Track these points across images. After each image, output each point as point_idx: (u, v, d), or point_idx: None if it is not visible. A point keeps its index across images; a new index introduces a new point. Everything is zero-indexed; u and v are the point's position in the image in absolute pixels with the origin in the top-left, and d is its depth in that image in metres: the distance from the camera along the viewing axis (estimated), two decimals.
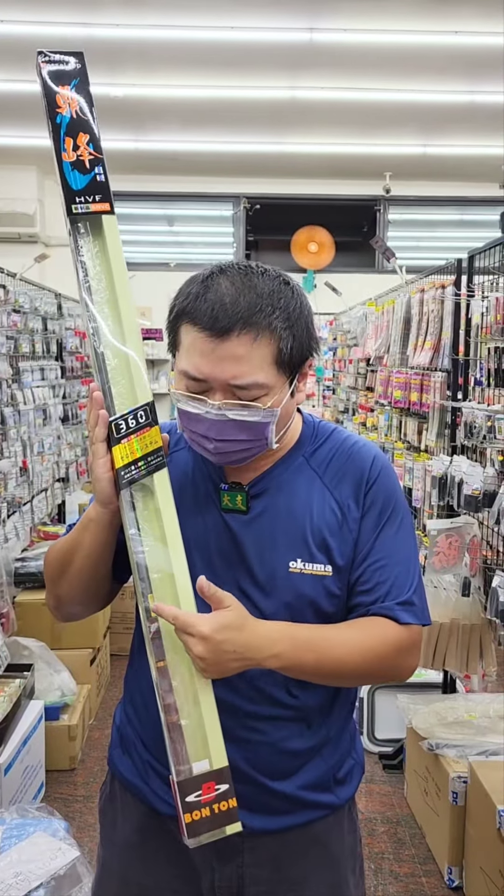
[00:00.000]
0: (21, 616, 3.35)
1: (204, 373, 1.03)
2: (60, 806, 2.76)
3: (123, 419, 1.04)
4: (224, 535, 1.12)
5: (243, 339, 1.02)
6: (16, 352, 3.97)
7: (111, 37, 4.78)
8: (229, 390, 1.04)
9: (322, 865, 1.17)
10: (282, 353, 1.05)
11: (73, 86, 1.10)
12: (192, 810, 0.98)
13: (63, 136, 1.09)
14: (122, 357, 1.07)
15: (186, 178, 7.88)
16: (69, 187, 1.08)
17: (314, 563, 1.10)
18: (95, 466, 1.03)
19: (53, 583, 1.17)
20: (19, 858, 1.83)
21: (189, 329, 1.05)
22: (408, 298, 3.66)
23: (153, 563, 1.03)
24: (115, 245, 1.09)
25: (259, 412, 1.04)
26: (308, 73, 5.42)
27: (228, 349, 1.02)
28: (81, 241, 1.08)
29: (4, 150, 7.05)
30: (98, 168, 1.10)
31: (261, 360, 1.03)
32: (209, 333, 1.02)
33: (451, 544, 2.66)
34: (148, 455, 1.05)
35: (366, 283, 6.93)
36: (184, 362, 1.06)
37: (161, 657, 1.01)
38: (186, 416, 1.07)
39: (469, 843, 2.38)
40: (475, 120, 6.10)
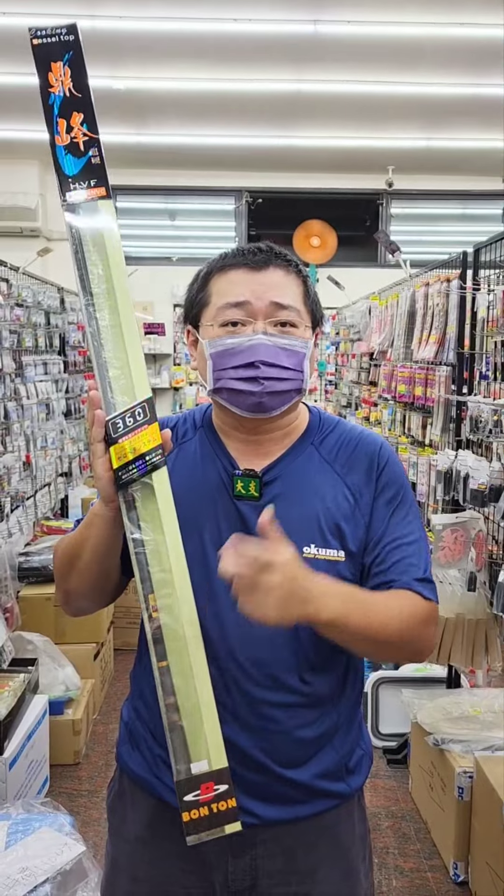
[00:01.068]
0: (25, 611, 3.35)
1: (247, 295, 1.10)
2: (65, 800, 2.76)
3: (121, 417, 1.03)
4: (236, 523, 1.13)
5: (279, 270, 1.13)
6: (19, 346, 3.96)
7: (114, 29, 4.75)
8: (271, 313, 1.11)
9: (333, 856, 1.18)
10: (309, 294, 1.16)
11: (67, 60, 1.06)
12: (190, 809, 0.99)
13: (56, 118, 1.06)
14: (121, 352, 1.04)
15: (188, 172, 7.85)
16: (63, 173, 1.05)
17: (328, 549, 1.12)
18: (95, 466, 1.04)
19: (62, 578, 1.18)
20: (25, 853, 1.83)
21: (224, 274, 1.14)
22: (412, 292, 3.64)
23: (154, 562, 1.02)
24: (111, 234, 1.05)
25: (297, 339, 1.13)
26: (311, 66, 5.39)
27: (268, 276, 1.12)
28: (80, 231, 1.05)
29: (6, 144, 7.02)
30: (93, 149, 1.06)
31: (295, 292, 1.14)
32: (248, 268, 1.12)
33: (457, 539, 2.65)
34: (146, 454, 1.03)
35: (368, 277, 6.91)
36: (224, 298, 1.12)
37: (163, 657, 1.01)
38: (229, 353, 1.11)
39: (475, 838, 2.38)
40: (479, 113, 6.07)
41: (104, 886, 1.27)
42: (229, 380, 1.11)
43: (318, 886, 1.16)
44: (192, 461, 1.18)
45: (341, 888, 1.19)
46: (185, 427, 1.23)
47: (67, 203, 1.05)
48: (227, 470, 1.16)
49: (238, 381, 1.10)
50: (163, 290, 7.93)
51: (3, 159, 7.32)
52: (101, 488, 1.03)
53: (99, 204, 1.05)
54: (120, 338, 1.04)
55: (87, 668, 3.38)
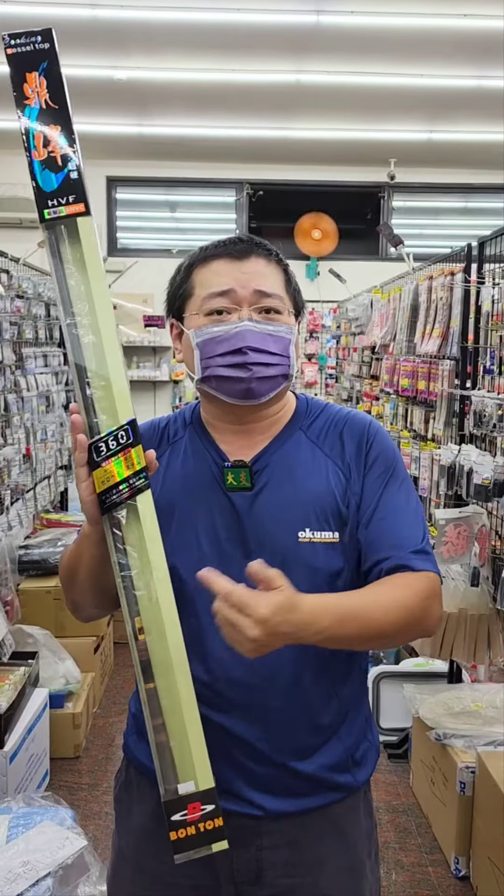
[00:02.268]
0: (25, 604, 3.34)
1: (231, 284, 1.11)
2: (65, 794, 2.76)
3: (104, 441, 1.01)
4: (231, 515, 1.13)
5: (261, 259, 1.15)
6: (19, 338, 3.94)
7: (115, 18, 4.71)
8: (255, 303, 1.12)
9: (339, 849, 1.17)
10: (290, 282, 1.18)
11: (42, 69, 1.03)
12: (177, 828, 1.01)
13: (32, 132, 1.03)
14: (103, 372, 1.03)
15: (189, 164, 7.81)
16: (41, 190, 1.02)
17: (323, 531, 1.12)
18: (79, 489, 1.03)
19: (67, 590, 1.21)
20: (27, 847, 1.82)
21: (206, 265, 1.15)
22: (415, 286, 3.62)
23: (140, 585, 1.02)
24: (91, 251, 1.03)
25: (282, 326, 1.14)
26: (314, 57, 5.35)
27: (250, 265, 1.14)
28: (59, 248, 1.03)
29: (6, 135, 6.97)
30: (71, 163, 1.03)
31: (276, 280, 1.15)
32: (230, 257, 1.13)
33: (460, 534, 2.64)
34: (129, 478, 1.02)
35: (370, 270, 6.88)
36: (207, 288, 1.13)
37: (150, 680, 1.02)
38: (214, 342, 1.11)
39: (476, 833, 2.38)
40: (482, 106, 6.02)
41: (110, 877, 1.27)
42: (217, 367, 1.11)
43: (323, 879, 1.16)
44: (184, 458, 1.18)
45: (346, 882, 1.18)
46: (176, 426, 1.23)
47: (46, 221, 1.02)
48: (218, 463, 1.16)
49: (226, 367, 1.10)
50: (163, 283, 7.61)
51: (2, 149, 7.27)
52: (86, 511, 1.03)
53: (78, 221, 1.03)
54: (102, 357, 1.02)
55: (88, 661, 3.37)
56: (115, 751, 3.16)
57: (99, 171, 7.53)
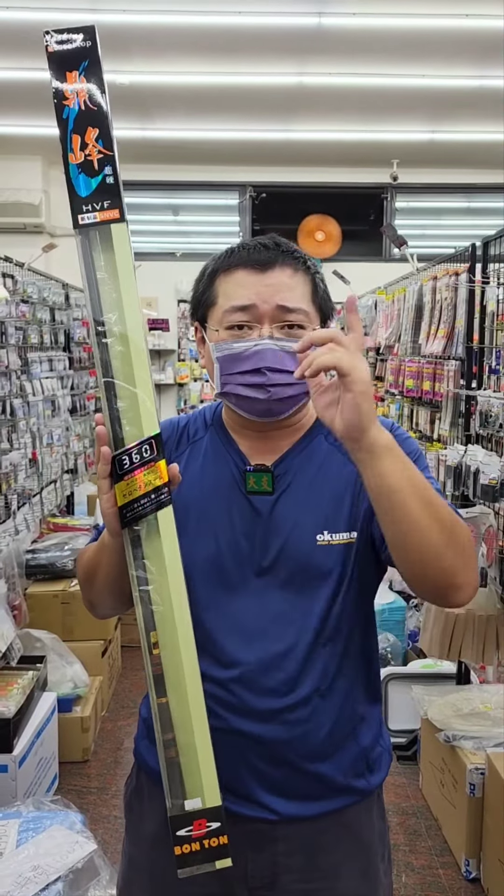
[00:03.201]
0: (32, 608, 3.34)
1: (253, 299, 1.08)
2: (74, 798, 2.76)
3: (127, 454, 1.00)
4: (250, 518, 1.13)
5: (286, 270, 1.10)
6: (24, 343, 3.94)
7: (118, 23, 4.72)
8: (277, 317, 1.08)
9: (354, 853, 1.17)
10: (318, 291, 1.13)
11: (83, 69, 1.00)
12: (182, 843, 1.01)
13: (70, 134, 0.99)
14: (130, 383, 1.00)
15: (192, 167, 7.82)
16: (76, 194, 0.99)
17: (340, 533, 1.11)
18: (101, 501, 1.02)
19: (84, 590, 1.21)
20: (37, 852, 1.82)
21: (230, 274, 1.11)
22: (419, 286, 3.62)
23: (157, 599, 1.02)
24: (125, 261, 1.00)
25: None
26: (315, 59, 5.35)
27: (273, 277, 1.09)
28: (92, 255, 1.00)
29: (9, 140, 7.00)
30: (108, 168, 1.00)
31: (302, 292, 1.11)
32: (253, 269, 1.09)
33: None
34: (151, 492, 1.00)
35: (373, 271, 6.87)
36: (230, 301, 1.10)
37: (163, 694, 1.01)
38: (233, 358, 1.09)
39: (487, 834, 2.37)
40: (484, 106, 6.02)
41: (121, 884, 1.26)
42: (236, 385, 1.09)
43: (339, 884, 1.16)
44: (204, 460, 1.18)
45: (361, 886, 1.18)
46: (196, 426, 1.22)
47: (80, 226, 0.99)
48: (239, 466, 1.15)
49: (245, 387, 1.09)
50: (167, 286, 7.91)
51: (6, 155, 7.30)
52: (108, 523, 1.03)
53: (112, 228, 0.99)
54: (130, 368, 1.00)
55: (95, 665, 3.37)
56: (124, 754, 3.16)
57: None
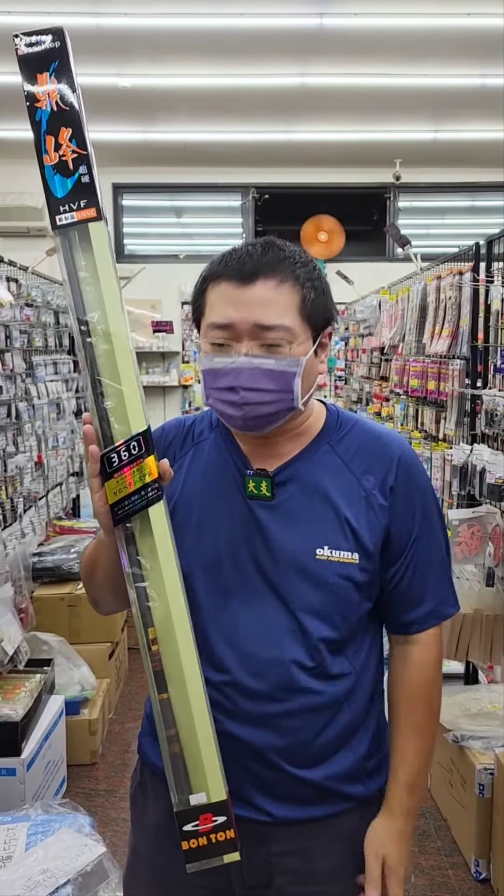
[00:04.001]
0: (39, 611, 3.34)
1: (231, 317, 1.05)
2: (82, 800, 2.76)
3: (116, 452, 1.00)
4: (249, 523, 1.12)
5: (268, 283, 1.05)
6: (29, 346, 3.95)
7: (120, 26, 4.73)
8: (256, 334, 1.05)
9: (350, 858, 1.16)
10: (305, 302, 1.07)
11: (53, 70, 1.01)
12: (189, 838, 1.01)
13: (43, 136, 1.02)
14: (115, 381, 1.01)
15: (194, 169, 7.83)
16: (52, 195, 1.01)
17: (341, 551, 1.10)
18: (93, 500, 1.03)
19: (87, 587, 1.24)
20: (45, 855, 1.82)
21: (216, 285, 1.08)
22: (423, 286, 3.61)
23: (153, 595, 1.02)
24: (103, 258, 1.01)
25: (285, 359, 1.06)
26: (317, 60, 5.35)
27: (254, 293, 1.05)
28: (72, 255, 1.01)
29: (12, 144, 7.01)
30: (82, 167, 1.01)
31: (286, 306, 1.06)
32: (235, 281, 1.05)
33: (474, 534, 2.63)
34: (142, 489, 1.01)
35: (377, 271, 6.87)
36: (211, 316, 1.08)
37: (164, 690, 1.02)
38: (212, 373, 1.08)
39: (496, 835, 2.36)
40: (486, 104, 6.01)
41: (126, 875, 1.27)
42: (216, 400, 1.10)
43: (334, 889, 1.16)
44: (207, 461, 1.18)
45: (356, 892, 1.17)
46: (202, 426, 1.22)
47: (57, 227, 1.00)
48: (241, 470, 1.15)
49: (222, 402, 1.09)
50: (170, 288, 7.92)
51: (9, 159, 7.31)
52: (101, 522, 1.04)
53: (90, 227, 1.00)
54: (114, 366, 1.01)
55: (102, 667, 3.37)
56: (132, 756, 3.16)
57: (105, 178, 7.55)
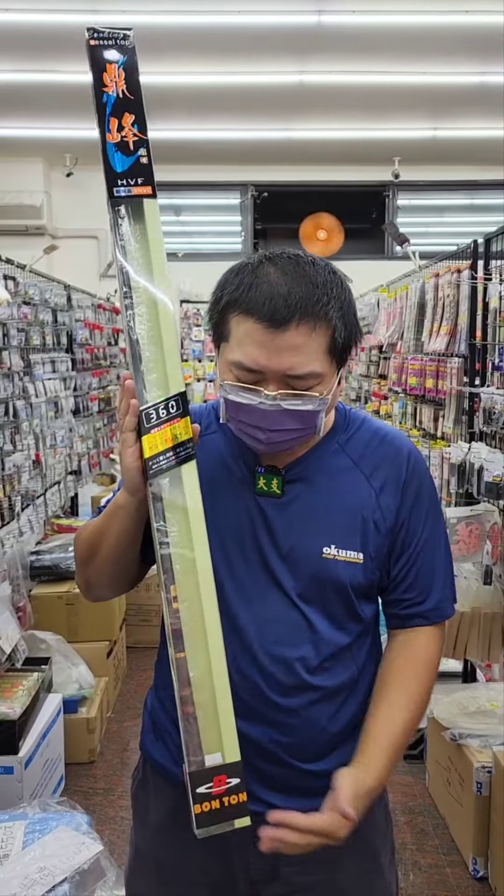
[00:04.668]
0: (37, 609, 3.34)
1: (261, 364, 1.03)
2: (80, 799, 2.76)
3: (154, 409, 1.03)
4: (257, 519, 1.12)
5: (302, 329, 1.02)
6: (27, 344, 3.95)
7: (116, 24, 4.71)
8: (284, 381, 1.04)
9: (355, 847, 1.16)
10: (335, 342, 1.06)
11: (121, 64, 1.09)
12: (201, 801, 0.99)
13: (108, 116, 1.08)
14: (157, 346, 1.05)
15: (193, 168, 7.81)
16: (112, 169, 1.07)
17: (347, 550, 1.11)
18: (125, 455, 1.02)
19: (83, 565, 1.19)
20: (43, 853, 1.82)
21: (243, 320, 1.04)
22: (422, 284, 3.61)
23: (177, 554, 1.02)
24: (155, 231, 1.07)
25: (313, 401, 1.05)
26: (316, 57, 5.34)
27: (287, 340, 1.02)
28: (122, 226, 1.06)
29: (11, 142, 7.01)
30: (142, 150, 1.09)
31: (316, 350, 1.04)
32: (267, 325, 1.01)
33: (472, 532, 2.63)
34: (177, 446, 1.03)
35: (376, 269, 6.86)
36: (237, 353, 1.05)
37: (181, 649, 1.01)
38: (236, 406, 1.07)
39: (494, 833, 2.36)
40: (485, 102, 6.01)
41: (128, 873, 1.27)
42: (238, 429, 1.10)
43: (339, 876, 1.16)
44: (215, 455, 1.17)
45: (363, 879, 1.19)
46: (210, 419, 1.21)
47: (114, 197, 1.06)
48: (251, 466, 1.15)
49: (244, 434, 1.09)
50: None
51: (7, 157, 7.31)
52: (129, 479, 1.03)
53: (145, 202, 1.07)
54: (157, 332, 1.05)
55: (101, 666, 3.37)
56: (130, 755, 3.16)
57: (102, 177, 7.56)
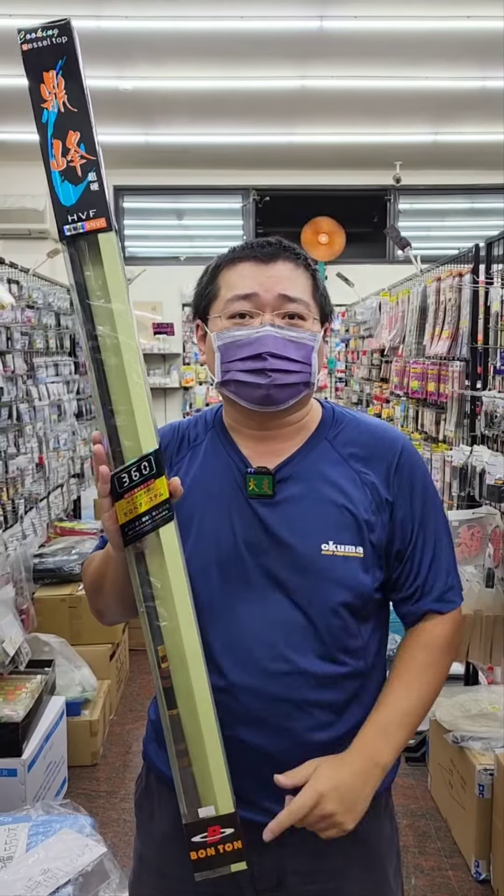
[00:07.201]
0: (40, 612, 3.35)
1: (255, 287, 1.10)
2: (83, 801, 2.76)
3: (126, 472, 0.99)
4: (252, 522, 1.12)
5: (288, 263, 1.12)
6: (30, 348, 3.96)
7: (119, 29, 4.75)
8: (279, 305, 1.10)
9: (361, 855, 1.17)
10: (317, 288, 1.15)
11: (59, 68, 0.94)
12: (197, 849, 1.03)
13: (50, 140, 0.96)
14: (125, 397, 0.99)
15: (195, 172, 7.84)
16: (59, 203, 0.96)
17: (345, 545, 1.11)
18: (103, 520, 1.03)
19: (92, 598, 1.23)
20: (46, 855, 1.83)
21: (232, 266, 1.13)
22: (423, 287, 3.62)
23: (163, 614, 1.03)
24: (113, 269, 0.97)
25: (306, 332, 1.12)
26: (318, 62, 5.37)
27: (276, 269, 1.11)
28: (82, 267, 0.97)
29: (13, 146, 7.04)
30: (91, 174, 0.96)
31: (303, 286, 1.13)
32: (256, 259, 1.11)
33: (473, 535, 2.63)
34: (152, 509, 1.00)
35: (377, 273, 6.89)
36: (232, 291, 1.12)
37: (173, 706, 1.03)
38: (236, 345, 1.10)
39: (497, 835, 2.36)
40: (486, 107, 6.04)
41: (132, 882, 1.27)
42: (237, 372, 1.10)
43: (346, 885, 1.16)
44: (204, 462, 1.17)
45: (369, 888, 1.18)
46: (197, 430, 1.22)
47: (66, 237, 0.96)
48: (240, 469, 1.14)
49: (246, 373, 1.09)
50: (171, 290, 7.94)
51: (10, 161, 7.34)
52: (111, 540, 1.04)
53: (100, 238, 0.96)
54: (124, 382, 0.98)
55: (103, 668, 3.38)
56: (133, 758, 3.16)
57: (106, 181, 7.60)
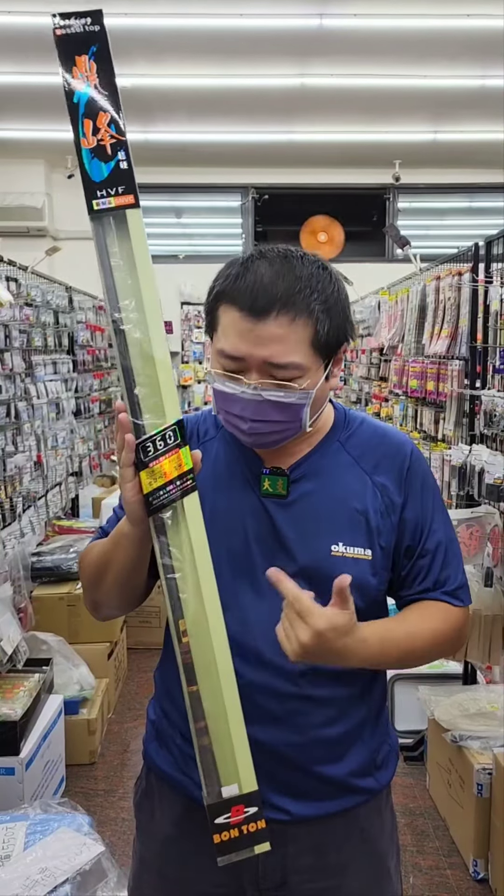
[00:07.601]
0: (38, 611, 3.35)
1: (241, 351, 1.04)
2: (81, 800, 2.76)
3: (151, 441, 0.99)
4: (263, 521, 1.12)
5: (281, 319, 1.03)
6: (28, 346, 3.95)
7: (119, 26, 4.73)
8: (266, 370, 1.05)
9: (363, 851, 1.17)
10: (318, 336, 1.05)
11: (92, 53, 0.99)
12: (221, 831, 1.01)
13: (81, 119, 0.98)
14: (150, 370, 1.00)
15: (194, 170, 7.83)
16: (89, 179, 0.98)
17: (355, 547, 1.11)
18: (124, 490, 1.01)
19: (89, 590, 1.19)
20: (44, 854, 1.82)
21: (227, 309, 1.06)
22: (423, 286, 3.62)
23: (184, 587, 1.01)
24: (140, 244, 1.00)
25: (294, 393, 1.05)
26: (317, 60, 5.36)
27: (267, 329, 1.03)
28: (106, 241, 0.99)
29: (12, 144, 7.02)
30: (121, 153, 0.99)
31: (298, 342, 1.04)
32: (247, 314, 1.03)
33: (472, 534, 2.63)
34: (177, 478, 1.00)
35: (376, 272, 6.87)
36: (221, 342, 1.07)
37: (193, 682, 1.01)
38: (222, 396, 1.08)
39: (495, 835, 2.36)
40: (485, 105, 6.03)
41: (132, 884, 1.27)
42: (225, 420, 1.11)
43: (348, 882, 1.16)
44: (216, 460, 1.17)
45: (371, 884, 1.19)
46: (206, 426, 1.21)
47: (94, 211, 0.99)
48: (253, 469, 1.14)
49: (231, 425, 1.10)
50: (170, 288, 7.92)
51: (9, 159, 7.32)
52: (131, 512, 1.02)
53: (127, 213, 0.99)
54: (150, 355, 0.99)
55: (101, 667, 3.37)
56: (131, 756, 3.16)
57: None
